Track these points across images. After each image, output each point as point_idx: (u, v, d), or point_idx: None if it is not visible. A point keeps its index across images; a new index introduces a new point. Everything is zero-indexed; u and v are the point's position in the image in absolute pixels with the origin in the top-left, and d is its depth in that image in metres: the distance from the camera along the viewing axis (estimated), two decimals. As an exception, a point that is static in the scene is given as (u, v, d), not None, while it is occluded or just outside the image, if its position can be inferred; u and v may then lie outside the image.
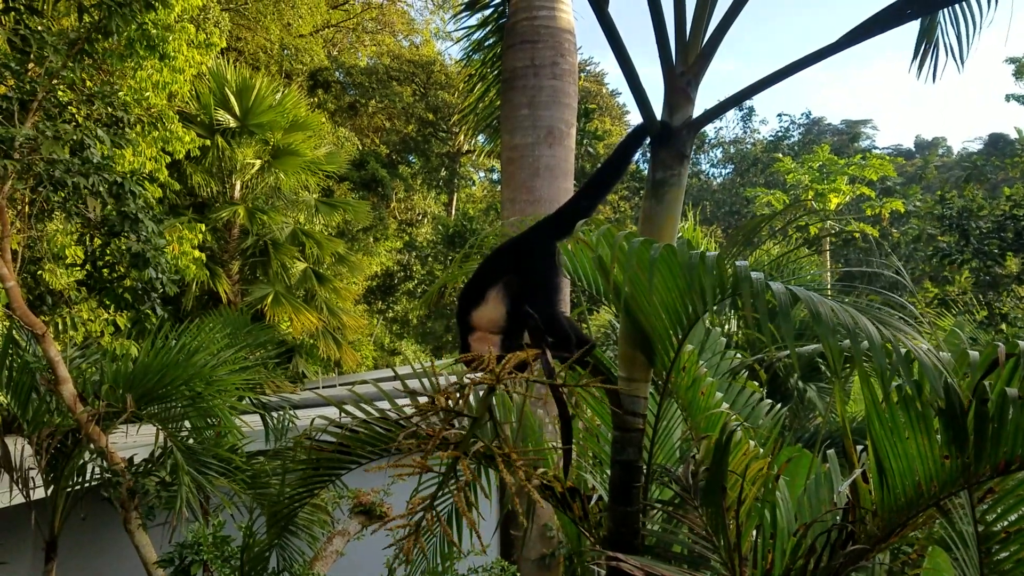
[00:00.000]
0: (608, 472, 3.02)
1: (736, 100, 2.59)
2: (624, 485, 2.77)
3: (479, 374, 2.32)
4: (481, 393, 2.33)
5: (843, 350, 1.85)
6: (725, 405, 3.22)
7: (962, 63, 3.34)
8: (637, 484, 2.79)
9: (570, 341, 2.50)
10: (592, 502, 3.17)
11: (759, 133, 41.95)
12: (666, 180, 2.51)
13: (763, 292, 1.76)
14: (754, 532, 2.87)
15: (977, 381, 2.18)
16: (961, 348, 2.42)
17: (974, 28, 3.23)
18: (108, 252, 7.22)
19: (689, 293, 2.29)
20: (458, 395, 2.26)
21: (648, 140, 2.57)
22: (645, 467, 2.89)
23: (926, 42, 3.36)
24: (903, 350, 1.82)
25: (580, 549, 3.90)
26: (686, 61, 2.55)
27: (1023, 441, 2.13)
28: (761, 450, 3.03)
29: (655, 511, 3.15)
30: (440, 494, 2.33)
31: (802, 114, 50.62)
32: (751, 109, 40.90)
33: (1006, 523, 2.45)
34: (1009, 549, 2.49)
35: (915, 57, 3.39)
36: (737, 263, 1.88)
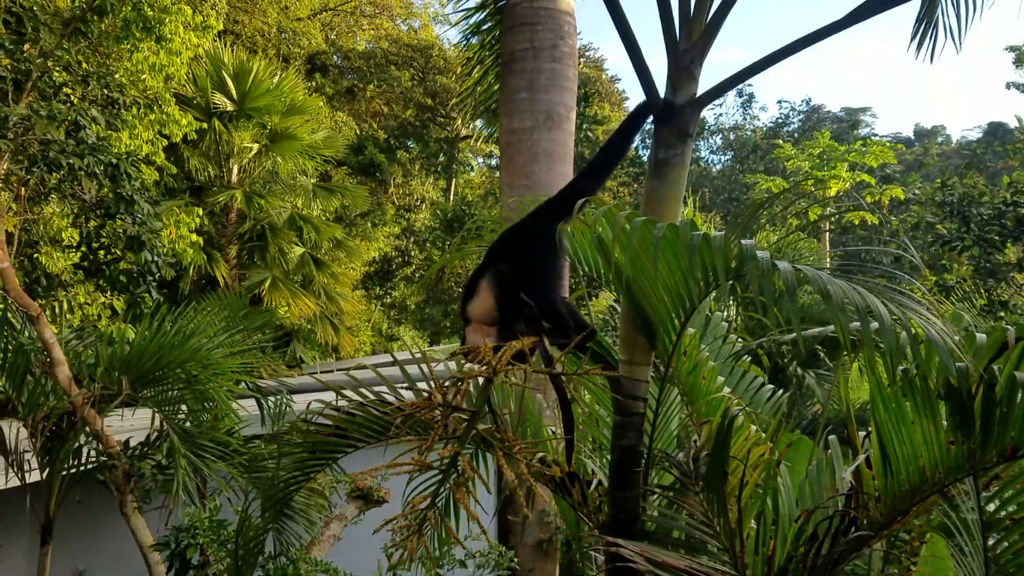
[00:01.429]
0: (608, 457, 2.99)
1: (740, 78, 2.53)
2: (624, 470, 2.73)
3: (475, 366, 2.28)
4: (480, 383, 2.30)
5: (853, 331, 1.81)
6: (727, 390, 3.18)
7: (961, 44, 3.28)
8: (637, 469, 2.76)
9: (568, 327, 2.46)
10: (592, 487, 3.14)
11: (759, 120, 41.79)
12: (669, 160, 2.46)
13: (770, 271, 1.71)
14: (753, 520, 2.85)
15: (985, 365, 2.14)
16: (968, 331, 2.38)
17: (974, 9, 3.18)
18: (104, 234, 7.16)
19: (692, 274, 2.24)
20: (455, 389, 2.22)
21: (651, 119, 2.52)
22: (645, 452, 2.85)
23: (926, 21, 3.31)
24: (915, 330, 1.78)
25: (579, 534, 3.88)
26: (690, 37, 2.49)
27: (1032, 426, 2.09)
28: (763, 435, 3.00)
29: (655, 496, 3.12)
30: (440, 490, 2.30)
31: (802, 101, 50.46)
32: (751, 96, 40.73)
33: (1012, 509, 2.42)
34: (1010, 539, 2.46)
35: (914, 37, 3.33)
36: (743, 242, 1.83)
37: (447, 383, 2.24)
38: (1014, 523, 2.43)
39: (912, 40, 3.32)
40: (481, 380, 2.28)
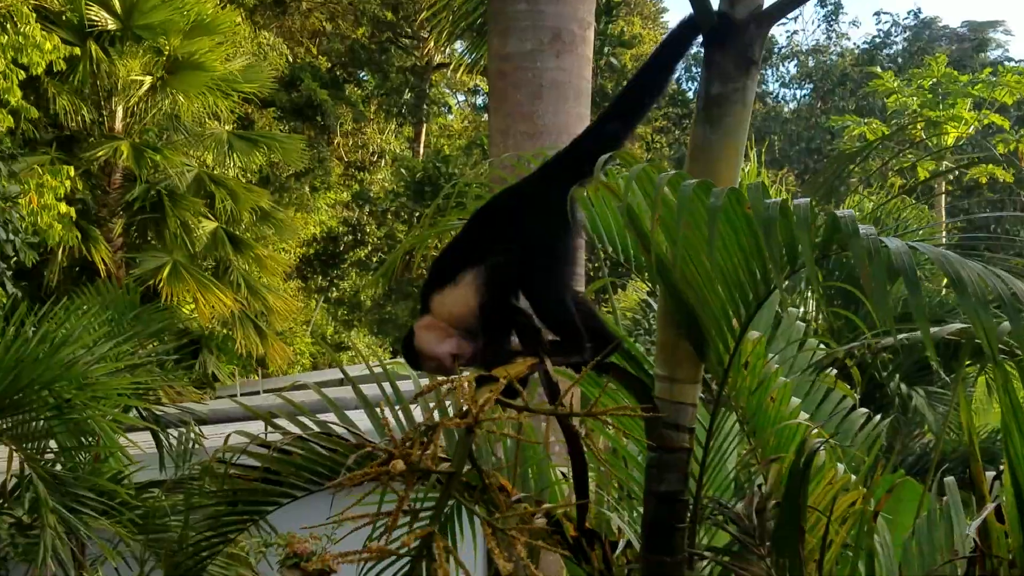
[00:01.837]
0: (639, 509, 3.01)
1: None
2: (663, 526, 2.76)
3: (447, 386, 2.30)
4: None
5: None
6: (804, 415, 3.21)
7: None
8: (681, 525, 2.78)
9: (580, 337, 2.44)
10: (618, 550, 3.16)
11: (848, 39, 41.82)
12: (726, 96, 2.46)
13: (878, 251, 1.69)
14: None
15: None
16: None
17: None
18: (-62, 205, 7.16)
19: (758, 257, 2.25)
20: (422, 446, 2.21)
21: (700, 39, 2.53)
22: (691, 502, 2.88)
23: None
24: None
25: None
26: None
27: None
28: (853, 477, 3.03)
29: (705, 563, 3.14)
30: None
31: (909, 12, 50.32)
32: (837, 4, 40.69)
33: None
34: None
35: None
36: (840, 212, 1.82)
37: (408, 440, 2.23)
38: None
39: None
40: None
